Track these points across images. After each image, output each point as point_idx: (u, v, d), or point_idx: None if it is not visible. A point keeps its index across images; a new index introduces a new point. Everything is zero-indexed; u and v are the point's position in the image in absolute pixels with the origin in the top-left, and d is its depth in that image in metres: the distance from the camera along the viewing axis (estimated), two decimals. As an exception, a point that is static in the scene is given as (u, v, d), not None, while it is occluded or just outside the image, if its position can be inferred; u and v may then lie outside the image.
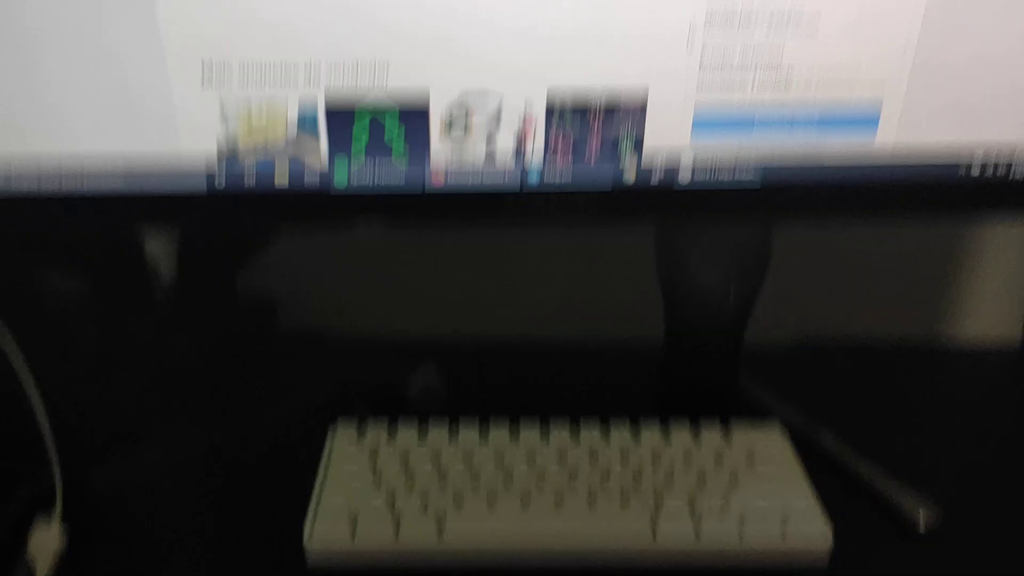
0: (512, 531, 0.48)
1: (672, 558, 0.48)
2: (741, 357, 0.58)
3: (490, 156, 0.46)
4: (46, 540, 0.48)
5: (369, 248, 0.68)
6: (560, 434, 0.54)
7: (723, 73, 0.44)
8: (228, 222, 0.49)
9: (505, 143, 0.46)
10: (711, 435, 0.54)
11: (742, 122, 0.46)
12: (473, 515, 0.49)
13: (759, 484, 0.50)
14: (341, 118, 0.45)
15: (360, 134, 0.45)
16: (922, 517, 0.50)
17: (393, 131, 0.45)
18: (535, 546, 0.48)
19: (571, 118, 0.45)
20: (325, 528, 0.48)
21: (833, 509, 0.49)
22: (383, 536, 0.47)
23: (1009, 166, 0.47)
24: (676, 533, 0.48)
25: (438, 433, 0.54)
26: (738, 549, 0.48)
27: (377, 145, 0.46)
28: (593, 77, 0.44)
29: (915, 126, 0.46)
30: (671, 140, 0.46)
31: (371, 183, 0.47)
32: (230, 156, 0.45)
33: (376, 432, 0.54)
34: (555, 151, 0.46)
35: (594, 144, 0.46)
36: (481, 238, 0.68)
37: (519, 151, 0.46)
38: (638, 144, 0.46)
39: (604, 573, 0.48)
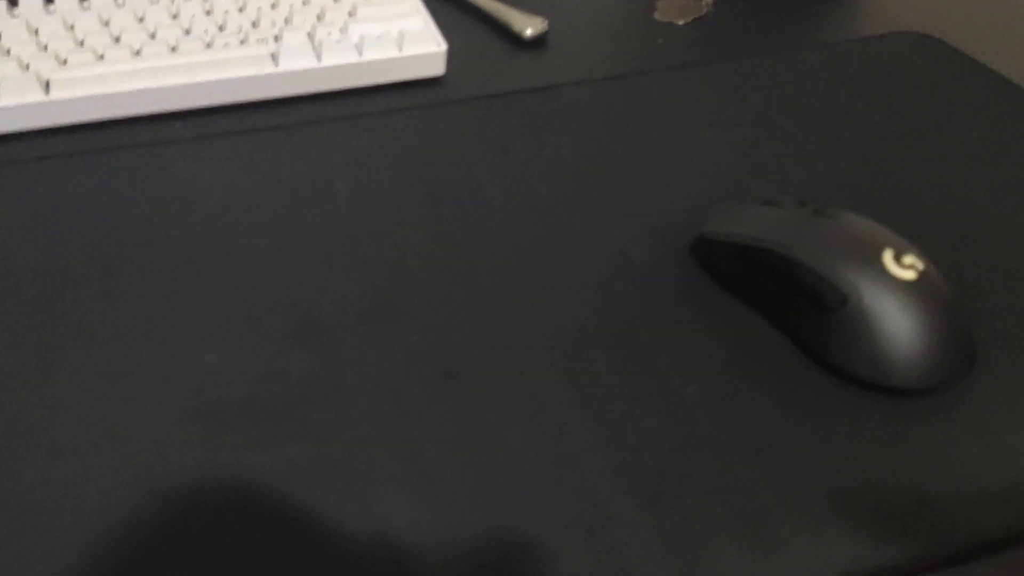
0: (125, 74, 0.46)
1: (295, 81, 0.48)
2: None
3: None
4: None
5: None
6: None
7: None
8: None
9: None
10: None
11: None
12: (81, 67, 0.46)
13: (377, 10, 0.51)
14: None
15: None
16: (529, 27, 0.54)
17: None
18: (151, 85, 0.46)
19: None
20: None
21: (449, 31, 0.52)
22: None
23: None
24: (296, 56, 0.48)
25: (31, 4, 0.50)
26: (358, 62, 0.49)
27: None
28: None
29: None
30: None
31: None
32: None
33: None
34: None
35: None
36: None
37: None
38: None
39: (226, 109, 0.48)
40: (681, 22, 0.57)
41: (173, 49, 0.48)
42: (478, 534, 0.29)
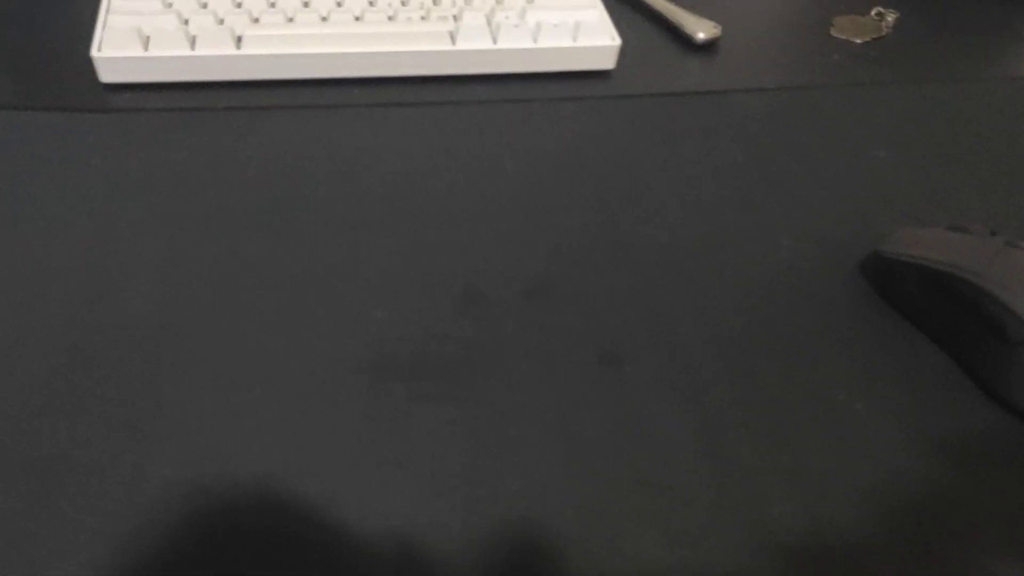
0: (311, 37, 0.48)
1: (471, 61, 0.49)
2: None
3: None
4: None
5: None
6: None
7: None
8: None
9: None
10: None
11: None
12: (271, 27, 0.48)
13: (554, 1, 0.52)
14: None
15: None
16: (702, 31, 0.54)
17: None
18: (335, 50, 0.48)
19: None
20: (114, 40, 0.46)
21: (622, 28, 0.53)
22: (177, 46, 0.46)
23: None
24: (474, 36, 0.49)
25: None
26: (533, 48, 0.50)
27: None
28: None
29: None
30: None
31: None
32: None
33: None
34: None
35: None
36: None
37: None
38: None
39: (403, 81, 0.49)
40: (859, 40, 0.55)
41: (357, 18, 0.50)
42: (629, 517, 0.29)
